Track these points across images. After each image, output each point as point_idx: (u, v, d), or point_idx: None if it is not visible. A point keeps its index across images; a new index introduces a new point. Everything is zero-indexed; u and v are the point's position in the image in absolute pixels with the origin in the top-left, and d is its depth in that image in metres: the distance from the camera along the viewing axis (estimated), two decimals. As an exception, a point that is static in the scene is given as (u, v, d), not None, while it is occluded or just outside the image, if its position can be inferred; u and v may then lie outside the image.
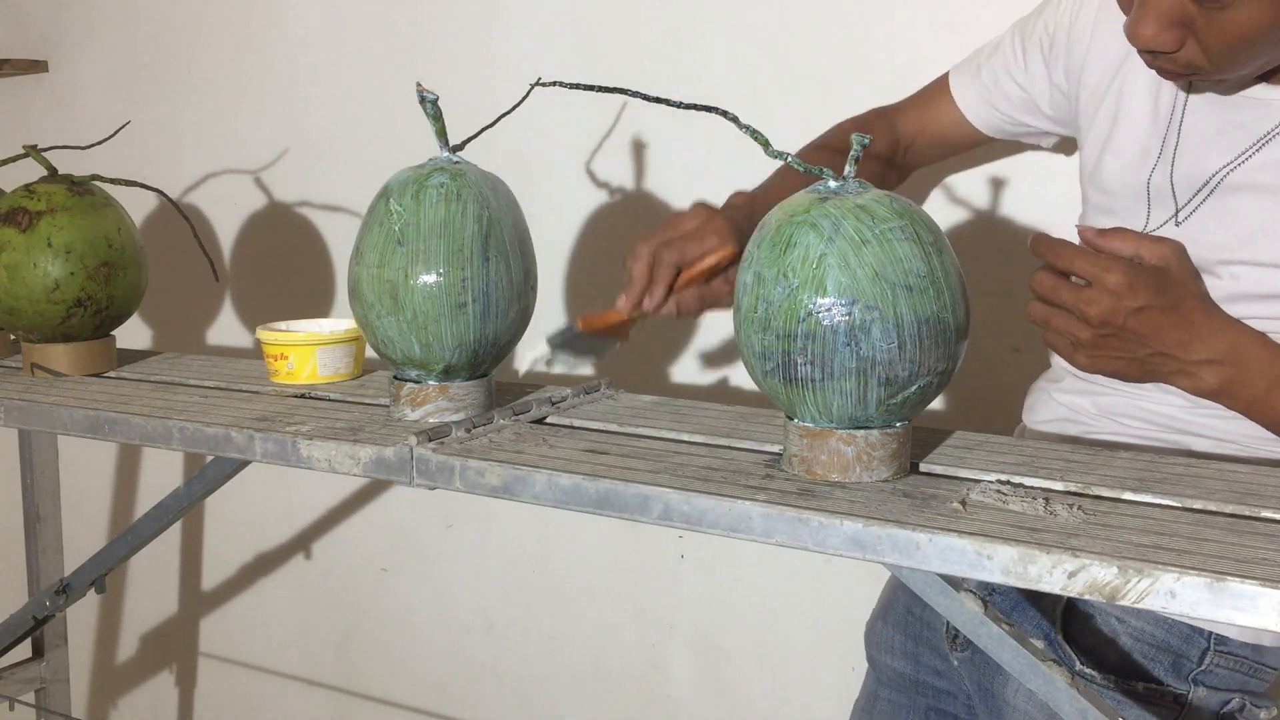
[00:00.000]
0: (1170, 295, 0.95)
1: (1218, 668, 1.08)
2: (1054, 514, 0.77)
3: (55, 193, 1.23)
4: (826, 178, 0.84)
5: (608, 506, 0.84)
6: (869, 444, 0.83)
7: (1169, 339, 0.95)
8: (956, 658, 1.20)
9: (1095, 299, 0.93)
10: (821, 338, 0.79)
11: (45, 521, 1.71)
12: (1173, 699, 1.08)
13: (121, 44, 2.18)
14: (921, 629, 1.25)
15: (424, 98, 0.97)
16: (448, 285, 0.94)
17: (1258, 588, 0.65)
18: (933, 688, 1.25)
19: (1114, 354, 0.96)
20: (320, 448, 0.96)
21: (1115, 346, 0.95)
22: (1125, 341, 0.95)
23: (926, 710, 1.26)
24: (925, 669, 1.25)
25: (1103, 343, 0.95)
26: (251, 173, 2.05)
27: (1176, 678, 1.08)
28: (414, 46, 1.88)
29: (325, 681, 2.18)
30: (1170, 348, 0.95)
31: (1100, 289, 0.93)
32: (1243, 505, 0.79)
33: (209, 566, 2.30)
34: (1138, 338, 0.95)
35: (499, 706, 2.01)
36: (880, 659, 1.30)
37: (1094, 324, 0.94)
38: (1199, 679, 1.08)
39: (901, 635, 1.27)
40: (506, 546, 1.95)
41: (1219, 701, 1.09)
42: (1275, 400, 0.98)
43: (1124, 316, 0.93)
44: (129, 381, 1.24)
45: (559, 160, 1.75)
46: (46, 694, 1.76)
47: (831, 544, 0.76)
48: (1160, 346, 0.95)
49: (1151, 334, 0.94)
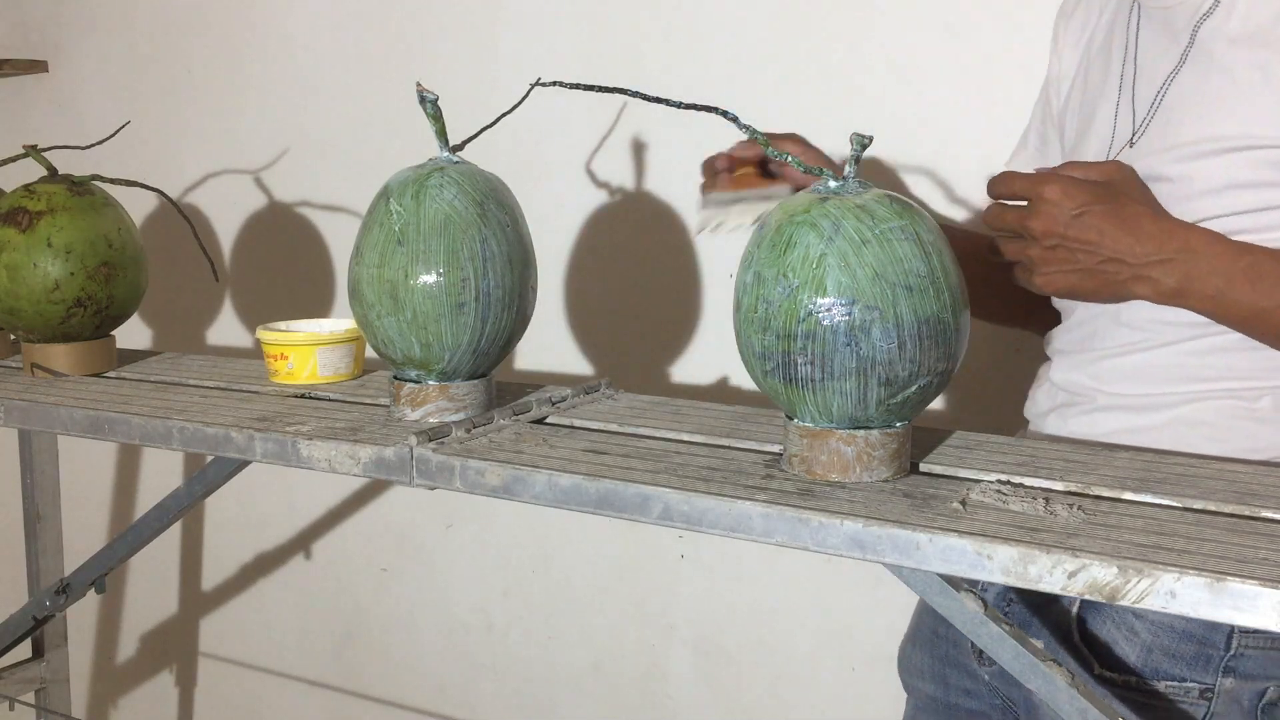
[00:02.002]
0: (1111, 201, 0.96)
1: (1249, 650, 1.03)
2: (1054, 514, 0.77)
3: (55, 193, 1.23)
4: (826, 178, 0.84)
5: (608, 506, 0.84)
6: (869, 444, 0.83)
7: (1115, 243, 0.95)
8: (986, 672, 1.17)
9: (1034, 211, 0.95)
10: (821, 338, 0.79)
11: (45, 521, 1.71)
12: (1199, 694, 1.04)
13: (121, 44, 2.18)
14: (948, 648, 1.22)
15: (424, 98, 0.97)
16: (448, 285, 0.94)
17: (1258, 588, 0.65)
18: (964, 710, 1.21)
19: (1065, 267, 0.96)
20: (320, 448, 0.96)
21: (1063, 259, 0.96)
22: (1072, 252, 0.95)
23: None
24: (954, 690, 1.22)
25: (1050, 256, 0.96)
26: (251, 173, 2.05)
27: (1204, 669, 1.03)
28: (414, 46, 1.88)
29: (325, 681, 2.18)
30: (1119, 251, 0.95)
31: (1038, 201, 0.95)
32: (1243, 505, 0.79)
33: (209, 566, 2.30)
34: (1084, 245, 0.95)
35: (499, 706, 2.01)
36: (913, 684, 1.27)
37: (1038, 237, 0.95)
38: (1229, 667, 1.03)
39: (929, 658, 1.24)
40: (506, 546, 1.95)
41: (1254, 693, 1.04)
42: (1238, 293, 0.96)
43: (1064, 225, 0.94)
44: (129, 381, 1.24)
45: (559, 160, 1.75)
46: (46, 694, 1.76)
47: (831, 544, 0.76)
48: (1108, 251, 0.95)
49: (1096, 238, 0.95)
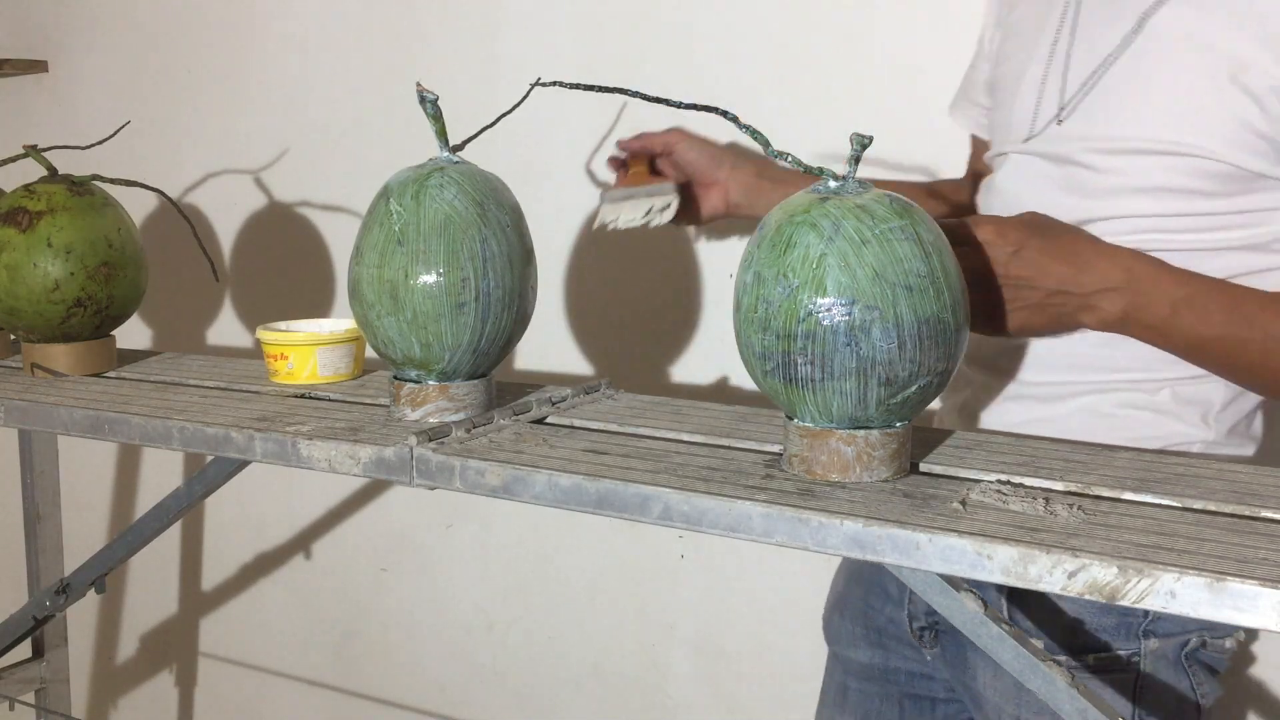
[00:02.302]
0: (1045, 234, 0.95)
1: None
2: (1054, 514, 0.77)
3: (55, 193, 1.23)
4: (826, 177, 0.84)
5: (608, 506, 0.84)
6: (869, 444, 0.83)
7: (1057, 274, 0.95)
8: (929, 654, 1.20)
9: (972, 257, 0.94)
10: (821, 338, 0.79)
11: (45, 521, 1.71)
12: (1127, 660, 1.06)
13: (121, 44, 2.18)
14: (885, 623, 1.25)
15: (424, 98, 0.97)
16: (448, 285, 0.94)
17: (1258, 588, 0.65)
18: (906, 673, 1.25)
19: (1013, 306, 0.95)
20: (320, 448, 0.96)
21: (1011, 298, 0.95)
22: (1018, 290, 0.95)
23: (900, 697, 1.26)
24: (896, 657, 1.25)
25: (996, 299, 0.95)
26: (251, 173, 2.05)
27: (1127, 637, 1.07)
28: (414, 46, 1.88)
29: (325, 681, 2.18)
30: (1062, 283, 0.95)
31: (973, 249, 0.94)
32: (1243, 505, 0.78)
33: (209, 566, 2.30)
34: (1026, 282, 0.94)
35: (499, 706, 2.01)
36: (844, 653, 1.30)
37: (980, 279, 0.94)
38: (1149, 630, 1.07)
39: (863, 629, 1.27)
40: (506, 546, 1.95)
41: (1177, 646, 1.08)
42: (1182, 323, 0.97)
43: (1004, 265, 0.93)
44: (129, 381, 1.24)
45: (559, 160, 1.75)
46: (46, 694, 1.76)
47: (831, 544, 0.76)
48: (1051, 284, 0.95)
49: (1037, 273, 0.94)
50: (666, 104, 0.92)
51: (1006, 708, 1.10)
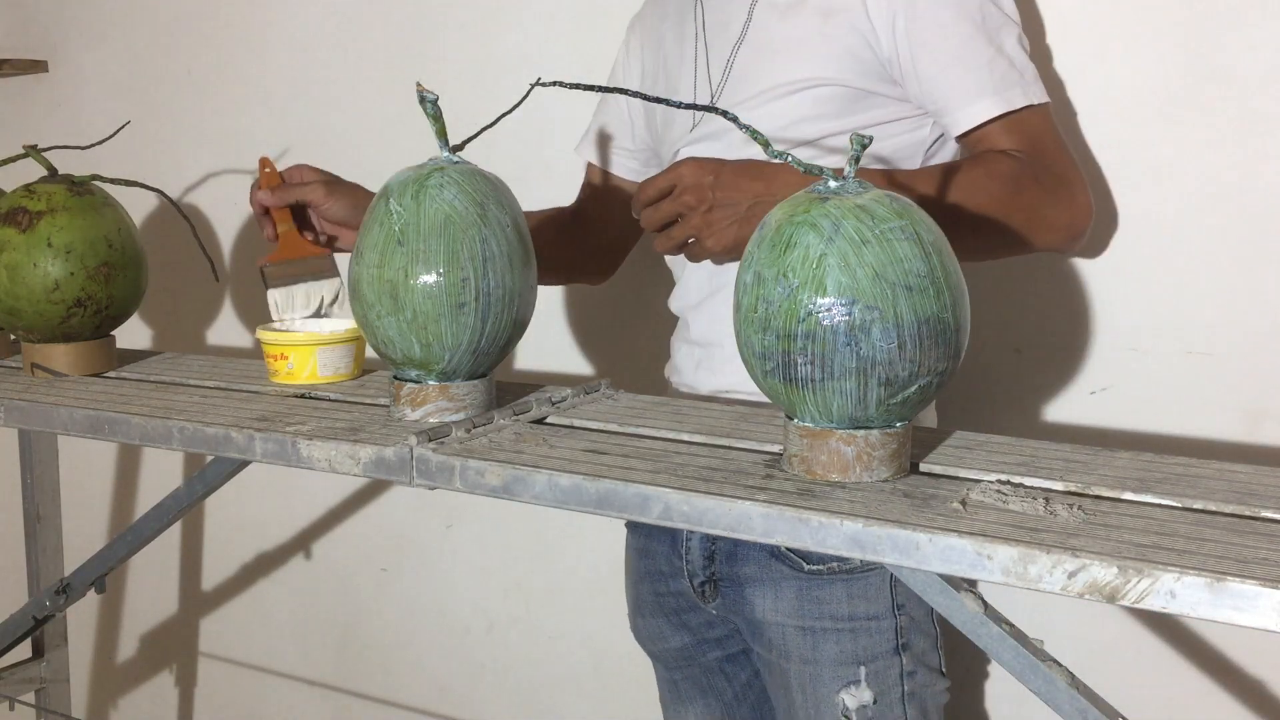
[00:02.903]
0: (731, 162, 1.11)
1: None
2: (1054, 514, 0.77)
3: (55, 193, 1.23)
4: (827, 177, 0.84)
5: (608, 506, 0.84)
6: (869, 444, 0.83)
7: (753, 187, 1.09)
8: (713, 607, 1.28)
9: (680, 191, 1.10)
10: (821, 338, 0.79)
11: (45, 521, 1.71)
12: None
13: (121, 44, 2.18)
14: (676, 600, 1.32)
15: (424, 98, 0.97)
16: (448, 285, 0.94)
17: (1258, 588, 0.65)
18: (710, 639, 1.33)
19: (725, 222, 1.09)
20: (320, 448, 0.96)
21: (721, 216, 1.09)
22: (725, 209, 1.09)
23: (719, 664, 1.34)
24: (698, 628, 1.32)
25: (711, 219, 1.09)
26: (252, 173, 2.05)
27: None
28: (414, 46, 1.88)
29: (325, 681, 2.18)
30: (758, 196, 1.09)
31: (680, 185, 1.10)
32: (1243, 505, 0.79)
33: (209, 566, 2.30)
34: (730, 201, 1.09)
35: (499, 706, 2.01)
36: (659, 649, 1.38)
37: (694, 206, 1.09)
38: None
39: (664, 618, 1.34)
40: (506, 546, 1.95)
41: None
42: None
43: (709, 189, 1.09)
44: (129, 381, 1.24)
45: (559, 160, 1.75)
46: (46, 694, 1.76)
47: (831, 544, 0.76)
48: (751, 196, 1.09)
49: (736, 190, 1.09)
50: (666, 104, 0.92)
51: (789, 623, 1.20)
